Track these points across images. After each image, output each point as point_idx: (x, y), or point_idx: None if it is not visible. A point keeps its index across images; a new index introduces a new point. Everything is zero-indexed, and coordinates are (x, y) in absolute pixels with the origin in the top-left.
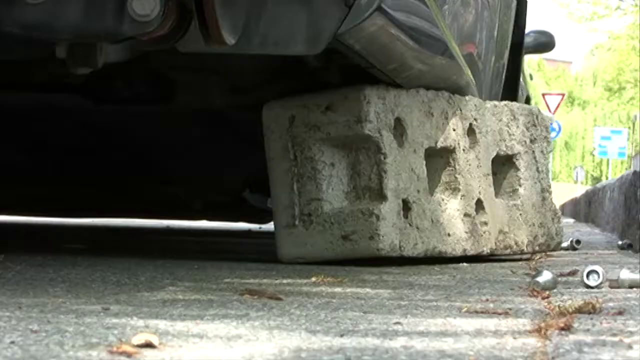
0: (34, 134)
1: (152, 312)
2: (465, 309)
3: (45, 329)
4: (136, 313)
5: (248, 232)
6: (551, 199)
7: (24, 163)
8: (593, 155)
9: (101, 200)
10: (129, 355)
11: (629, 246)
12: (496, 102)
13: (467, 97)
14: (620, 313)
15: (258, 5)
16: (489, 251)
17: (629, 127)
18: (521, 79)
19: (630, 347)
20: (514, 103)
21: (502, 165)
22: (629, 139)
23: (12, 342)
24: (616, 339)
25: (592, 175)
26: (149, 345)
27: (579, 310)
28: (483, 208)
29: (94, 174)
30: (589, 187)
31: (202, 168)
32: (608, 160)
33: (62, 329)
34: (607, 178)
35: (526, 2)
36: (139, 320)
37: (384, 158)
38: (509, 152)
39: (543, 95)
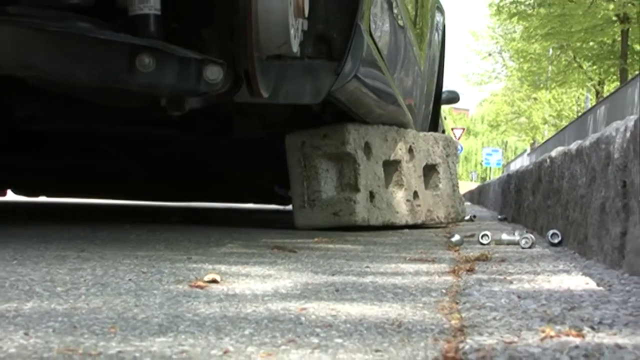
0: (146, 152)
1: (217, 260)
2: (409, 258)
3: (151, 271)
4: (207, 261)
5: (277, 211)
6: (458, 191)
7: (141, 170)
8: (481, 165)
9: (187, 192)
10: (201, 287)
11: (505, 219)
12: (425, 133)
13: (408, 130)
14: (503, 260)
15: (282, 74)
16: (421, 222)
17: (503, 148)
18: (440, 119)
19: (511, 282)
20: (436, 133)
21: (429, 170)
22: (502, 155)
23: (130, 279)
24: (502, 277)
25: (481, 177)
26: (214, 281)
27: (478, 259)
28: (418, 196)
29: (182, 177)
30: (479, 183)
31: (249, 172)
32: (490, 167)
33: (161, 271)
34: (490, 178)
35: (443, 72)
36: (209, 266)
37: (358, 166)
38: (433, 162)
39: (452, 129)
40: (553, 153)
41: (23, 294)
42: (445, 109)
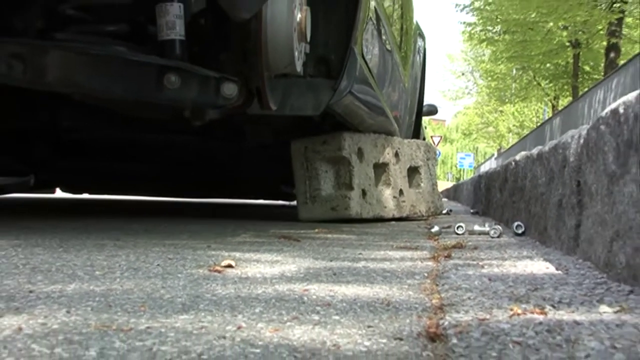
0: (172, 156)
1: (232, 248)
2: (395, 246)
3: (176, 257)
4: (224, 248)
5: (283, 206)
6: (437, 189)
7: (167, 171)
8: (456, 167)
9: (207, 190)
10: (219, 271)
11: (476, 213)
12: (409, 140)
13: (394, 137)
14: (475, 248)
15: (287, 90)
16: (406, 215)
17: (474, 153)
18: (421, 128)
19: (482, 267)
20: (418, 140)
21: (413, 172)
22: (474, 158)
23: (158, 265)
24: (475, 262)
25: (456, 177)
26: (229, 266)
27: (454, 247)
28: (403, 194)
29: (202, 178)
30: (454, 183)
31: (261, 173)
32: (464, 169)
33: (185, 257)
34: (463, 178)
35: (424, 88)
36: (226, 253)
37: (353, 168)
38: (416, 165)
39: (431, 136)
40: (517, 157)
41: (67, 277)
42: (425, 119)
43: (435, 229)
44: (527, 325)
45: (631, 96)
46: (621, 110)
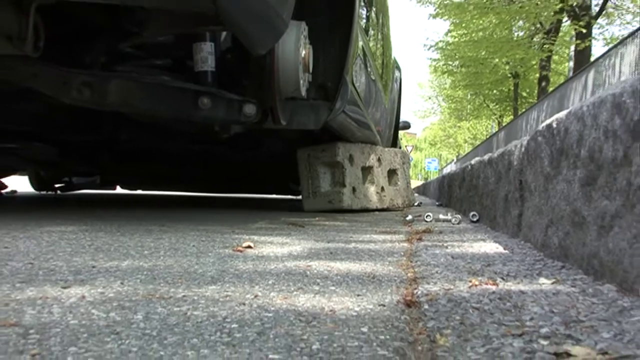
0: (205, 161)
1: (252, 233)
2: (379, 230)
3: (207, 240)
4: (245, 233)
5: (291, 200)
6: (410, 186)
7: (202, 173)
8: (425, 169)
9: (231, 187)
10: (240, 251)
11: (441, 205)
12: (389, 148)
13: (377, 146)
14: (440, 232)
15: (294, 109)
16: (386, 207)
17: (439, 158)
18: (398, 140)
19: (446, 247)
20: (395, 148)
21: (391, 173)
22: (438, 163)
23: (193, 245)
24: (440, 244)
25: (424, 177)
26: (249, 247)
27: (424, 231)
28: (384, 190)
29: (228, 177)
30: (423, 181)
31: (274, 175)
32: (430, 171)
33: (214, 239)
34: (430, 178)
35: (400, 109)
36: (246, 237)
37: (345, 170)
38: (394, 168)
39: (406, 146)
40: (472, 161)
41: (122, 255)
42: (401, 133)
43: (409, 217)
44: (483, 294)
45: (562, 114)
46: (554, 125)
